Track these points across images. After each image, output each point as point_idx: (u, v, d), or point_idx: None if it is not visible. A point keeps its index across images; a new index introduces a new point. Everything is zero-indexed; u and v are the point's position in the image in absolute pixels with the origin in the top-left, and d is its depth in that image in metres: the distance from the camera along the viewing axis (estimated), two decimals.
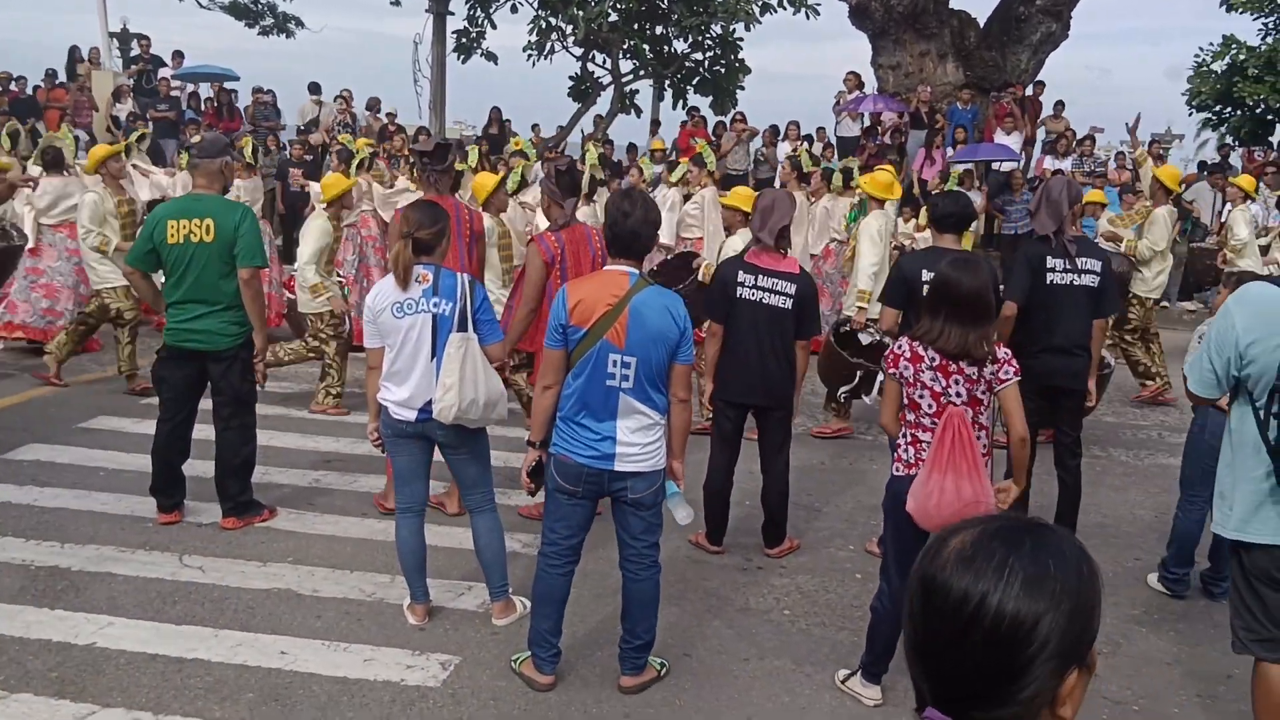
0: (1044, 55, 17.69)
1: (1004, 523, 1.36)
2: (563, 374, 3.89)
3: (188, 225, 5.29)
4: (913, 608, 1.33)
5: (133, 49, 21.24)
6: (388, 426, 4.46)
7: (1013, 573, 1.28)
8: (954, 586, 1.28)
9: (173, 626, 4.49)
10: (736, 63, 18.22)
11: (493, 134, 17.79)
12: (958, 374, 3.82)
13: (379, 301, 4.36)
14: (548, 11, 17.15)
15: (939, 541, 1.35)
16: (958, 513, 3.74)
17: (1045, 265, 5.34)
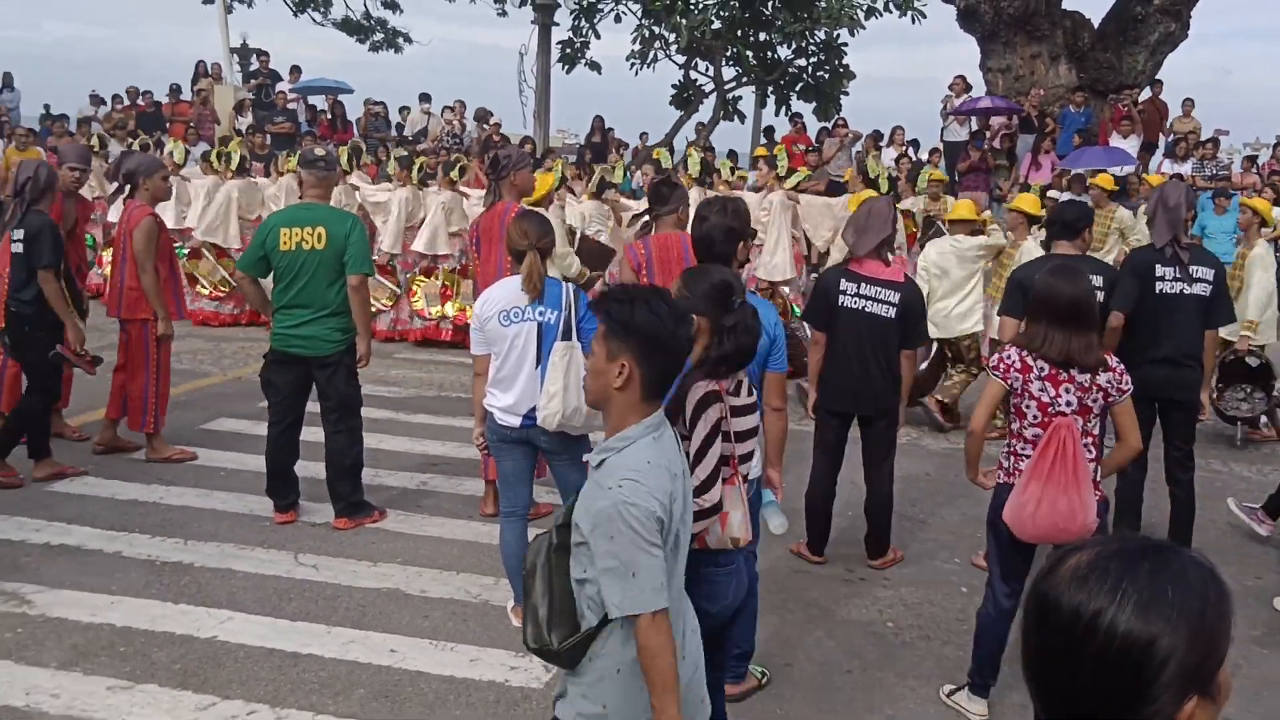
0: (1161, 56, 17.19)
1: (1124, 543, 1.35)
2: None
3: (299, 233, 5.49)
4: (1026, 624, 1.33)
5: (252, 64, 22.06)
6: (493, 432, 4.56)
7: (1126, 594, 1.26)
8: (1065, 604, 1.27)
9: (288, 623, 4.65)
10: (840, 68, 18.12)
11: (595, 142, 18.00)
12: (1068, 382, 3.76)
13: (487, 309, 4.47)
14: (651, 20, 17.30)
15: (1057, 559, 1.34)
16: (1053, 525, 3.69)
17: (1154, 274, 5.21)
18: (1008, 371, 3.84)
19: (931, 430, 8.11)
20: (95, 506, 5.92)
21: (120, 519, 5.75)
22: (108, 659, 4.28)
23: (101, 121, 17.88)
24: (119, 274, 6.60)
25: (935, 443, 7.87)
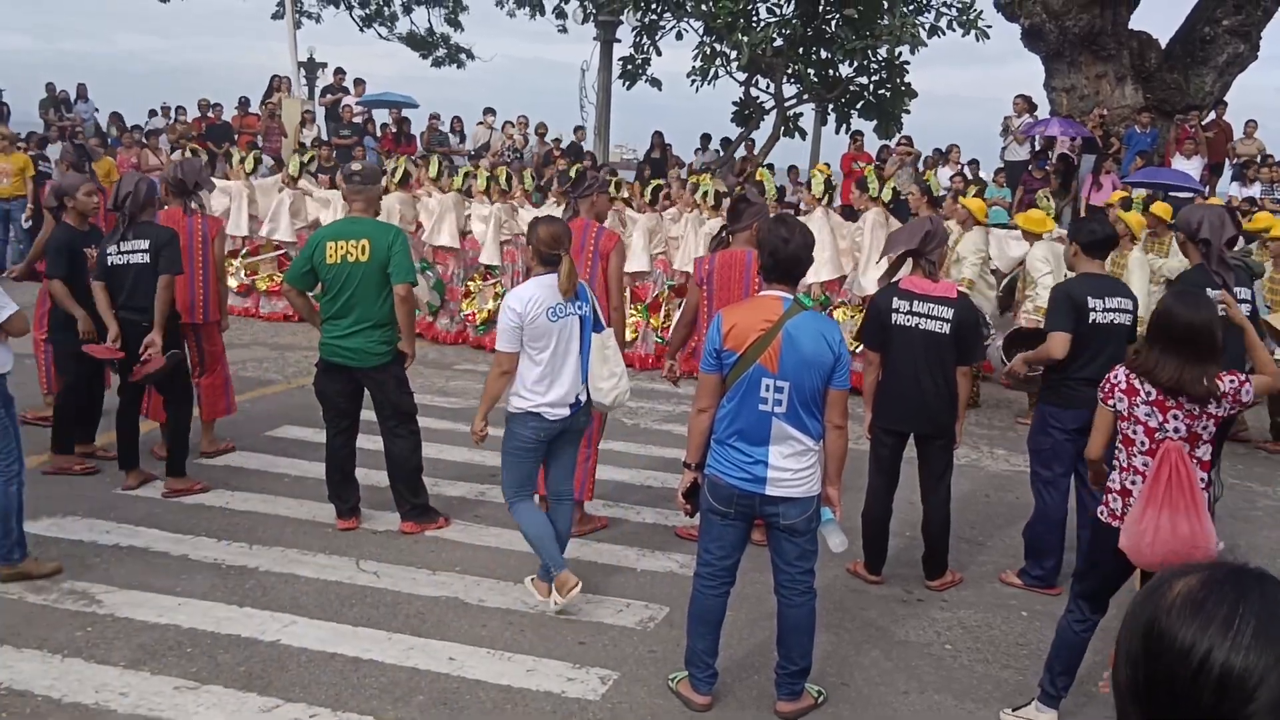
0: (1230, 77, 16.88)
1: (1231, 569, 1.33)
2: (718, 398, 3.97)
3: (345, 246, 5.64)
4: (1133, 652, 1.31)
5: (318, 77, 22.46)
6: (539, 431, 4.84)
7: (1243, 622, 1.25)
8: (1180, 636, 1.26)
9: (350, 628, 4.73)
10: (902, 86, 18.00)
11: (655, 158, 18.07)
12: (1175, 409, 3.71)
13: (533, 308, 4.73)
14: (713, 38, 17.32)
15: (1164, 584, 1.33)
16: (1174, 551, 3.59)
17: None
18: (1112, 393, 3.81)
19: (990, 451, 8.04)
20: (162, 509, 6.06)
21: (187, 522, 5.88)
22: (174, 659, 4.38)
23: (168, 133, 18.32)
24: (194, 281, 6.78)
25: (994, 464, 7.79)
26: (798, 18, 17.26)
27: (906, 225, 5.57)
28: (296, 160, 12.80)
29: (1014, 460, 7.77)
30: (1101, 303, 5.16)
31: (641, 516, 6.38)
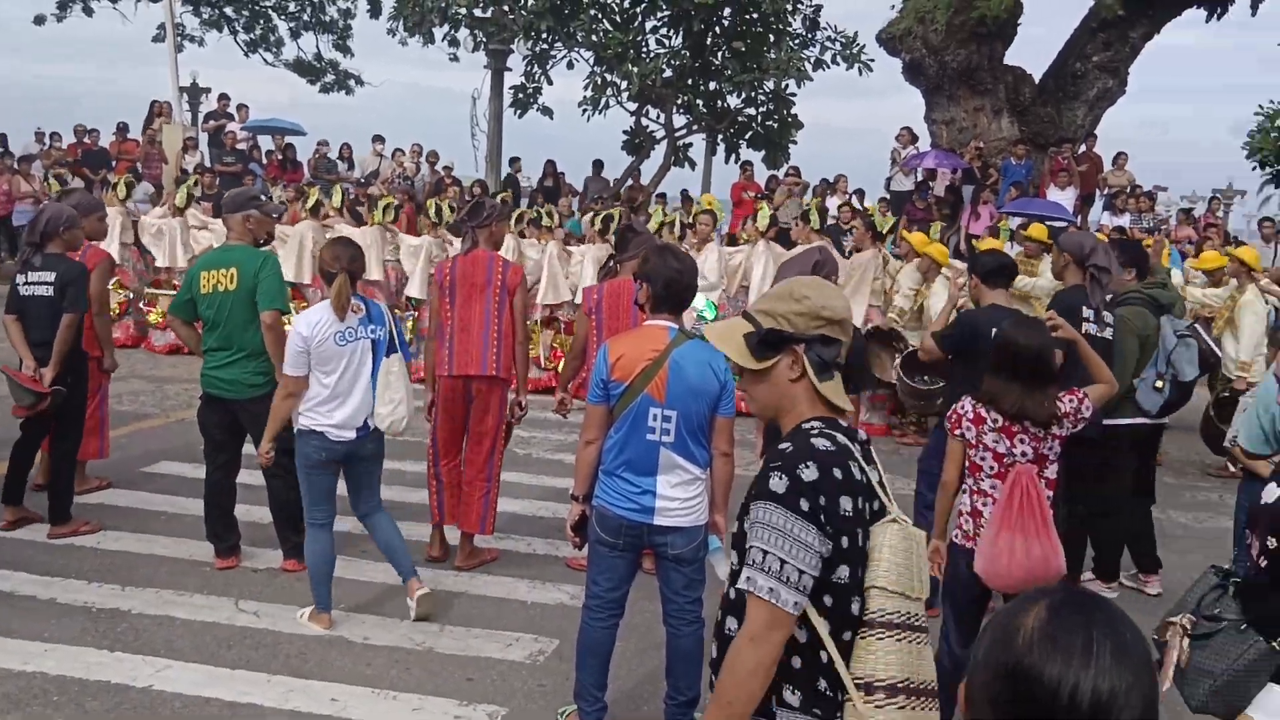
0: (1100, 111, 17.65)
1: (1066, 595, 1.37)
2: (605, 429, 3.95)
3: (216, 275, 5.55)
4: (997, 694, 1.31)
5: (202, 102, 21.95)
6: (320, 450, 4.85)
7: (1100, 645, 1.28)
8: (1047, 672, 1.27)
9: (227, 670, 4.57)
10: (789, 118, 18.37)
11: (548, 186, 18.09)
12: (1021, 433, 3.84)
13: (319, 331, 4.76)
14: (604, 68, 17.45)
15: (1010, 624, 1.34)
16: (1029, 571, 3.73)
17: (1081, 314, 5.38)
18: (960, 423, 3.92)
19: None
20: (31, 551, 5.80)
21: (57, 564, 5.64)
22: (40, 708, 4.18)
23: (43, 159, 17.69)
24: None
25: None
26: (686, 49, 17.52)
27: (797, 255, 5.68)
28: (184, 190, 12.53)
29: (912, 485, 7.92)
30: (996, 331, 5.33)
31: (532, 548, 6.33)
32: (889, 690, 2.15)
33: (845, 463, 2.18)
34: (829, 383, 2.30)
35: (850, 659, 2.19)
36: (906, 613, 2.20)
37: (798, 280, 2.43)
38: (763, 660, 2.11)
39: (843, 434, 2.26)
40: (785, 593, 2.09)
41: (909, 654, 2.19)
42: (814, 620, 2.16)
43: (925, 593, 2.24)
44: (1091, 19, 16.95)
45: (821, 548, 2.11)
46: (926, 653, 2.24)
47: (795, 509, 2.10)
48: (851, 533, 2.16)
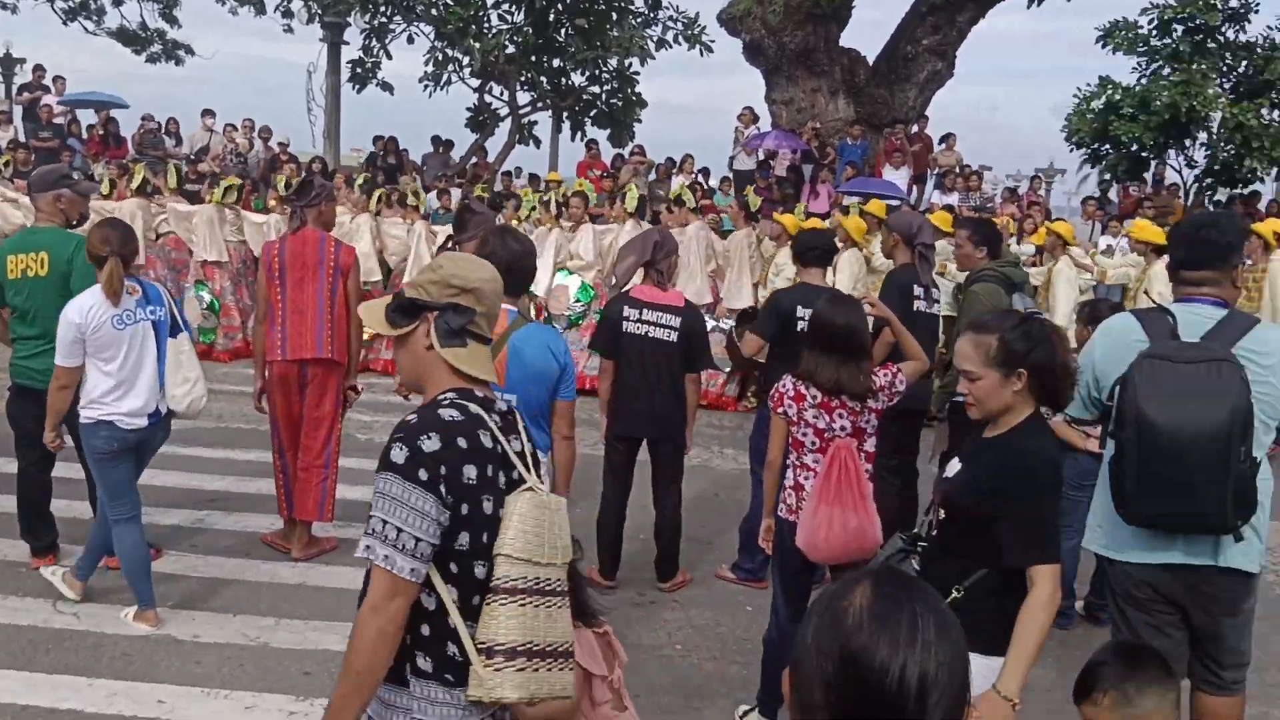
0: (930, 93, 18.25)
1: (885, 574, 1.40)
2: None
3: (24, 260, 5.22)
4: (829, 676, 1.32)
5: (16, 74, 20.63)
6: (111, 441, 4.64)
7: (924, 622, 1.32)
8: (879, 655, 1.29)
9: (45, 675, 4.33)
10: (633, 96, 18.43)
11: (390, 164, 17.69)
12: (840, 408, 3.93)
13: (93, 317, 4.55)
14: (444, 43, 17.15)
15: (834, 606, 1.35)
16: (845, 544, 3.84)
17: (912, 292, 5.56)
18: (782, 401, 3.99)
19: (721, 451, 8.32)
20: None
21: None
22: None
23: None
24: None
25: (724, 463, 8.07)
26: (529, 26, 17.37)
27: (638, 236, 5.70)
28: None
29: (743, 460, 8.05)
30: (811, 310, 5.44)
31: None
32: (508, 654, 2.22)
33: (474, 432, 2.24)
34: (460, 350, 2.33)
35: (478, 624, 2.25)
36: (535, 578, 2.26)
37: (447, 254, 2.48)
38: (384, 628, 2.16)
39: (478, 404, 2.31)
40: (401, 560, 2.14)
41: (534, 618, 2.25)
42: (439, 587, 2.21)
43: (562, 559, 2.32)
44: (921, 3, 17.49)
45: (440, 516, 2.17)
46: (559, 615, 2.32)
47: (414, 479, 2.15)
48: (475, 500, 2.22)
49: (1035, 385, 2.85)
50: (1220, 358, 3.15)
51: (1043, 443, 2.89)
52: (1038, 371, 2.84)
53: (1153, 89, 16.00)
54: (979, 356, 2.84)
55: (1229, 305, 3.35)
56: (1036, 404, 2.90)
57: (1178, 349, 3.22)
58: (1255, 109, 15.80)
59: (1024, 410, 2.89)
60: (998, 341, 2.83)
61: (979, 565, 2.85)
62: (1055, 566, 2.79)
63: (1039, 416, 2.90)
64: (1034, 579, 2.77)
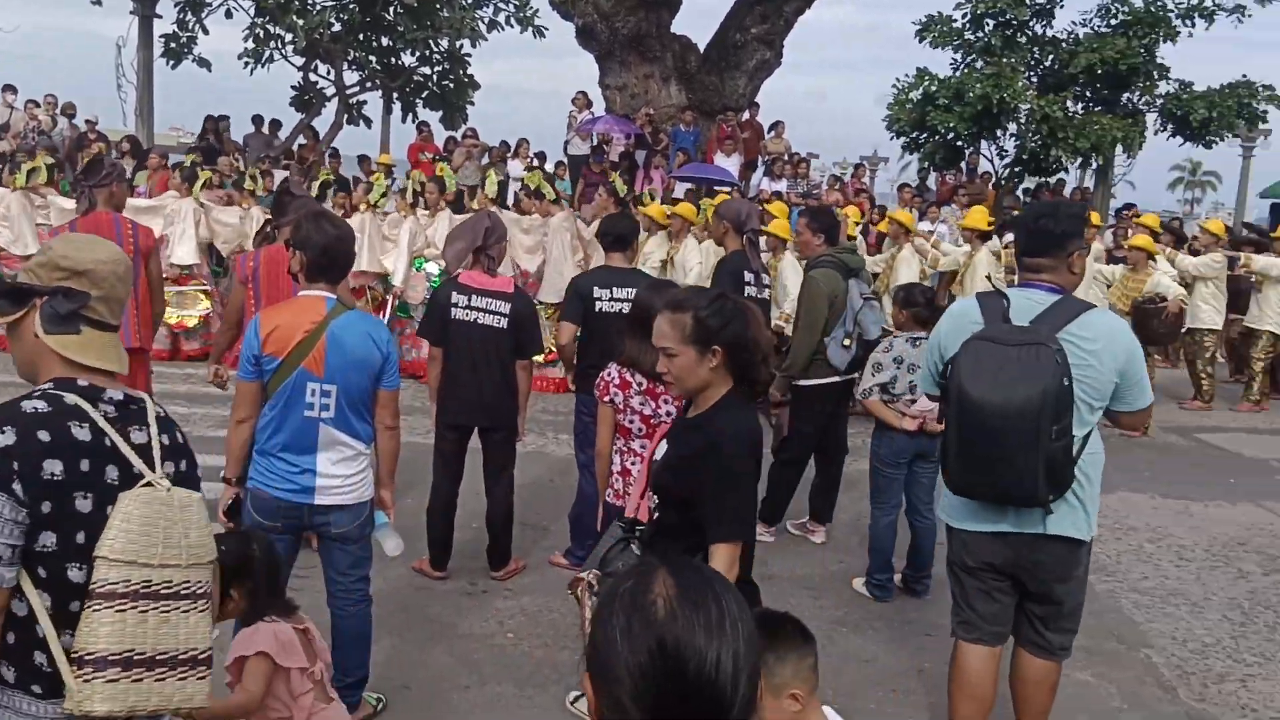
0: (760, 81, 18.62)
1: (681, 564, 1.42)
2: (258, 407, 3.75)
3: None
4: (645, 668, 1.32)
5: None
6: None
7: (727, 606, 1.34)
8: (696, 644, 1.31)
9: None
10: (465, 78, 18.17)
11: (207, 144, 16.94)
12: (666, 394, 3.96)
13: None
14: (265, 19, 16.51)
15: (639, 599, 1.35)
16: None
17: (744, 279, 5.67)
18: (608, 389, 4.00)
19: (555, 437, 8.31)
20: None
21: None
22: None
23: None
24: None
25: (559, 449, 8.06)
26: (355, 3, 16.88)
27: (468, 220, 5.62)
28: None
29: None
30: (609, 292, 5.48)
31: None
32: (98, 663, 2.10)
33: (63, 425, 2.11)
34: (71, 338, 2.21)
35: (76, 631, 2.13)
36: (144, 581, 2.14)
37: (61, 235, 2.43)
38: None
39: (78, 394, 2.18)
40: None
41: (139, 625, 2.13)
42: (29, 593, 2.09)
43: (188, 559, 2.20)
44: None
45: (15, 515, 2.04)
46: (180, 621, 2.20)
47: None
48: (61, 498, 2.09)
49: (731, 363, 2.88)
50: (1039, 341, 3.33)
51: (739, 419, 2.90)
52: (732, 348, 2.86)
53: (966, 81, 16.73)
54: (676, 334, 2.85)
55: (1064, 291, 3.53)
56: (735, 382, 2.92)
57: (1004, 332, 3.41)
58: (1060, 101, 16.70)
59: (721, 388, 2.91)
60: (692, 319, 2.84)
61: (697, 548, 2.86)
62: (733, 546, 2.81)
63: (737, 394, 2.93)
64: (712, 555, 2.79)
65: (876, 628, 5.27)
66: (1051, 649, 3.73)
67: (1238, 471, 8.73)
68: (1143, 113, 17.46)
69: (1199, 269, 10.67)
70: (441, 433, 5.45)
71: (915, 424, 5.33)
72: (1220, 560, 6.49)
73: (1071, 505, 3.50)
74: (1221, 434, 9.98)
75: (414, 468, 6.06)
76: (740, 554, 2.85)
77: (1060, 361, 3.30)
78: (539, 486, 7.10)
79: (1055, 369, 3.29)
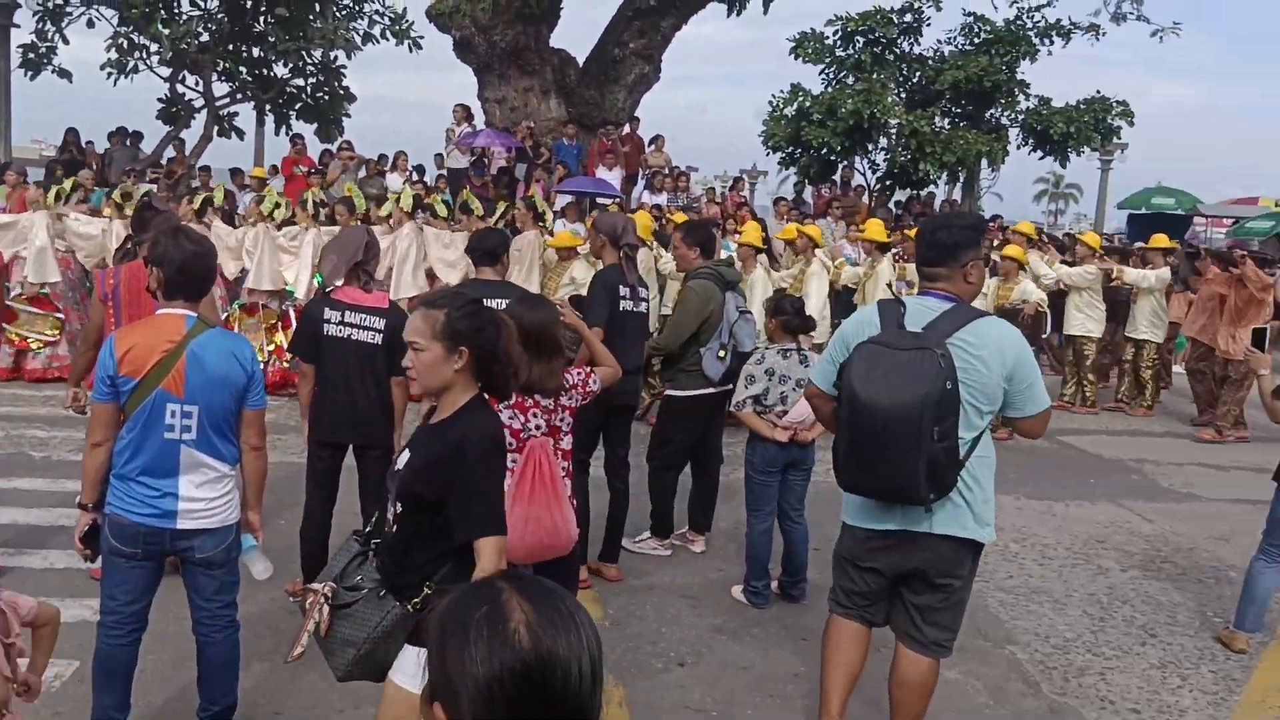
0: (639, 95, 18.80)
1: (526, 579, 1.45)
2: (115, 429, 3.63)
3: None
4: (506, 696, 1.33)
5: None
6: None
7: (577, 616, 1.39)
8: (561, 654, 1.34)
9: None
10: (340, 90, 17.87)
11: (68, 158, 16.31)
12: (534, 408, 3.96)
13: None
14: (129, 28, 15.96)
15: (495, 624, 1.36)
16: (540, 542, 3.89)
17: (619, 293, 5.70)
18: None
19: None
20: None
21: None
22: None
23: None
24: None
25: None
26: (224, 13, 16.46)
27: (344, 235, 5.47)
28: None
29: None
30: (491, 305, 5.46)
31: (50, 561, 5.70)
32: None
33: None
34: None
35: None
36: None
37: None
38: None
39: None
40: None
41: None
42: None
43: None
44: (627, 7, 17.96)
45: None
46: None
47: None
48: None
49: (477, 368, 2.92)
50: (926, 346, 3.48)
51: (481, 422, 2.93)
52: (479, 353, 2.90)
53: (838, 97, 17.14)
54: (427, 329, 2.87)
55: (958, 299, 3.67)
56: (479, 388, 2.96)
57: (896, 337, 3.56)
58: (928, 117, 17.24)
59: (465, 394, 2.94)
60: (445, 316, 2.87)
61: (443, 555, 2.90)
62: (499, 539, 2.86)
63: (481, 399, 2.97)
64: (479, 551, 2.83)
65: (754, 634, 5.34)
66: (926, 643, 3.84)
67: (1097, 472, 9.11)
68: (1005, 128, 18.13)
69: (1073, 279, 11.16)
70: (314, 451, 5.33)
71: (786, 435, 5.44)
72: (1081, 558, 6.76)
73: (957, 505, 3.65)
74: (1083, 436, 10.40)
75: (289, 488, 5.92)
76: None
77: (944, 366, 3.44)
78: None
79: (938, 373, 3.42)
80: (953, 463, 3.55)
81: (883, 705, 4.03)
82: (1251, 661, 5.30)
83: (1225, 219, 22.64)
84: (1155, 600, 6.08)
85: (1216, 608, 5.96)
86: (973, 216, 4.91)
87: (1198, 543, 7.20)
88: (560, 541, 3.91)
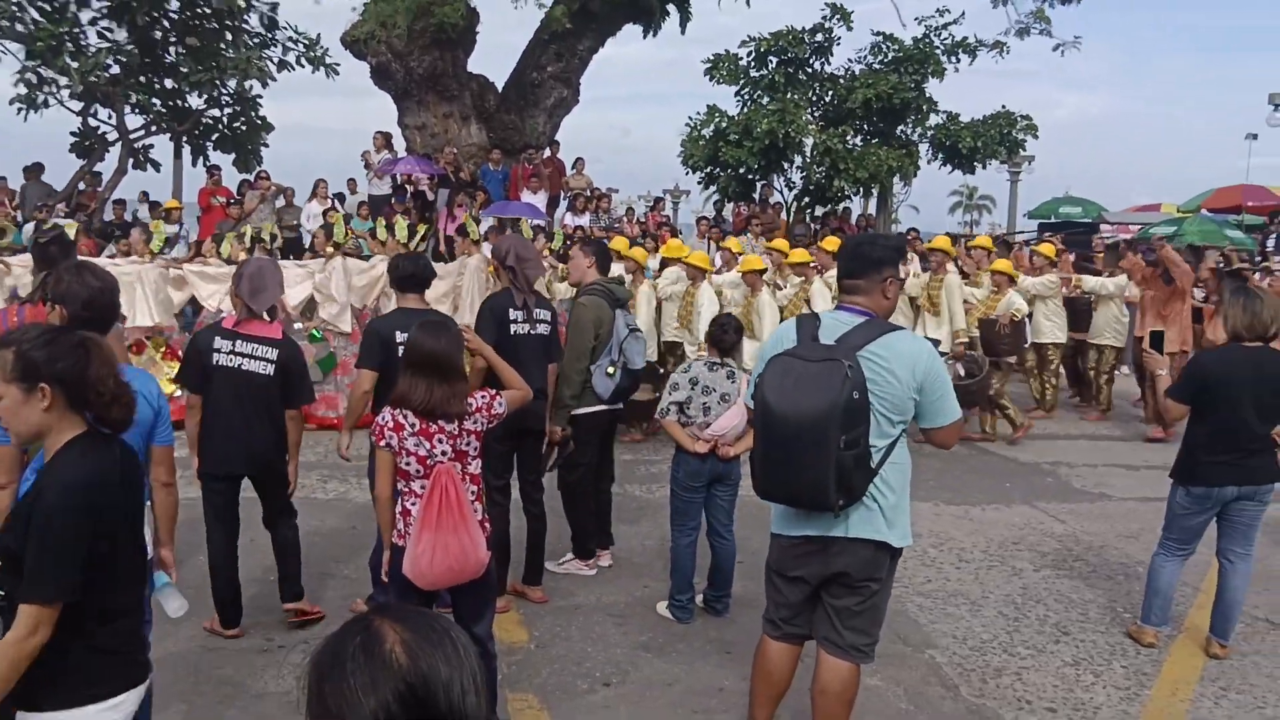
0: (559, 119, 18.86)
1: (387, 608, 1.50)
2: (18, 472, 3.57)
3: None
4: (393, 712, 1.36)
5: None
6: None
7: (456, 640, 1.42)
8: (441, 676, 1.38)
9: None
10: (257, 119, 17.68)
11: None
12: (439, 433, 3.97)
13: None
14: (36, 62, 15.63)
15: (372, 652, 1.39)
16: (449, 568, 3.90)
17: (508, 316, 5.69)
18: (383, 433, 3.98)
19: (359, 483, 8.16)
20: None
21: None
22: None
23: None
24: None
25: (362, 495, 7.90)
26: (134, 44, 16.19)
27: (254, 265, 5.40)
28: None
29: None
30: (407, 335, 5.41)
31: None
32: None
33: None
34: None
35: None
36: None
37: None
38: None
39: None
40: None
41: None
42: None
43: None
44: (544, 31, 18.03)
45: None
46: None
47: None
48: None
49: (71, 403, 2.62)
50: (835, 359, 3.61)
51: (72, 468, 2.58)
52: (67, 386, 2.60)
53: (753, 117, 17.34)
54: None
55: (873, 314, 3.81)
56: (84, 424, 2.65)
57: (808, 349, 3.70)
58: (841, 135, 17.53)
59: (68, 432, 2.63)
60: (14, 354, 2.58)
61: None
62: (39, 607, 2.47)
63: (88, 439, 2.64)
64: (17, 615, 2.49)
65: (679, 649, 5.38)
66: (845, 646, 3.92)
67: (1013, 475, 9.34)
68: (916, 143, 18.49)
69: (1036, 288, 11.45)
70: (209, 484, 5.25)
71: (706, 447, 5.51)
72: (996, 560, 6.93)
73: (870, 510, 3.77)
74: (1001, 442, 10.64)
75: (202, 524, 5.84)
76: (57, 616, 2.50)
77: (850, 376, 3.56)
78: (340, 534, 6.95)
79: (845, 383, 3.54)
80: (862, 469, 3.67)
81: (808, 715, 4.09)
82: (1161, 656, 5.48)
83: (1131, 225, 23.33)
84: (1068, 599, 6.26)
85: (1126, 603, 6.15)
86: (896, 238, 5.08)
87: (1108, 541, 7.42)
88: (470, 565, 3.93)
